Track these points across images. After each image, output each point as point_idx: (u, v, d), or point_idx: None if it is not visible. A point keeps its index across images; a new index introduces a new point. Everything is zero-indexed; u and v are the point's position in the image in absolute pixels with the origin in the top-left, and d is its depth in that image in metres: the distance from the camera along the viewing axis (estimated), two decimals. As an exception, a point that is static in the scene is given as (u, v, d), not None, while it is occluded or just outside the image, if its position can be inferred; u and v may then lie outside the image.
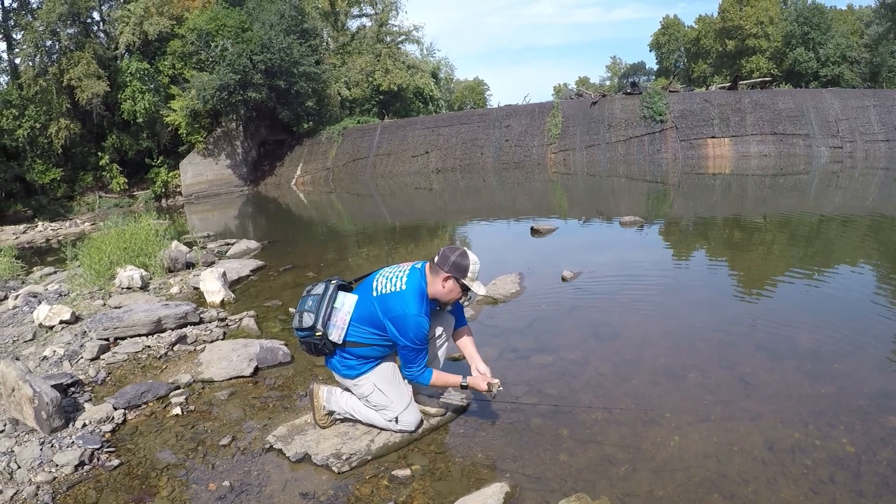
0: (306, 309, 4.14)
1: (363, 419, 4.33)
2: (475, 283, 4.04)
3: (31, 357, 6.43)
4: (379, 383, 4.18)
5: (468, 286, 4.02)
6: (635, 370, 5.21)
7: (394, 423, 4.23)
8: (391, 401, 4.19)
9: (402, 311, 3.94)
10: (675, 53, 69.90)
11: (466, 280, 4.00)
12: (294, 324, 4.23)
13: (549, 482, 3.67)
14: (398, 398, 4.21)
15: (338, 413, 4.40)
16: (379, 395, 4.18)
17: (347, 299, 4.17)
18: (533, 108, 32.92)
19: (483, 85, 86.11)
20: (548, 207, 18.62)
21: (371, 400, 4.21)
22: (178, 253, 10.73)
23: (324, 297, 4.15)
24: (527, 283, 8.13)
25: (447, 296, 4.05)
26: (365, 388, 4.20)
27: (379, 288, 4.08)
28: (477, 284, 4.06)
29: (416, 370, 4.04)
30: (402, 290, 4.01)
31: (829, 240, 10.70)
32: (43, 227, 25.88)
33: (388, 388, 4.19)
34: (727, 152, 28.13)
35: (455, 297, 4.10)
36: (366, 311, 4.07)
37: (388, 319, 3.97)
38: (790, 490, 3.43)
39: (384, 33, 47.91)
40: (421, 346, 3.97)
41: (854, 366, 4.97)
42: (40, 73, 31.79)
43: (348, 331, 4.09)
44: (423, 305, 3.99)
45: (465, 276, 3.99)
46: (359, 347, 4.13)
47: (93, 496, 3.86)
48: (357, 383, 4.21)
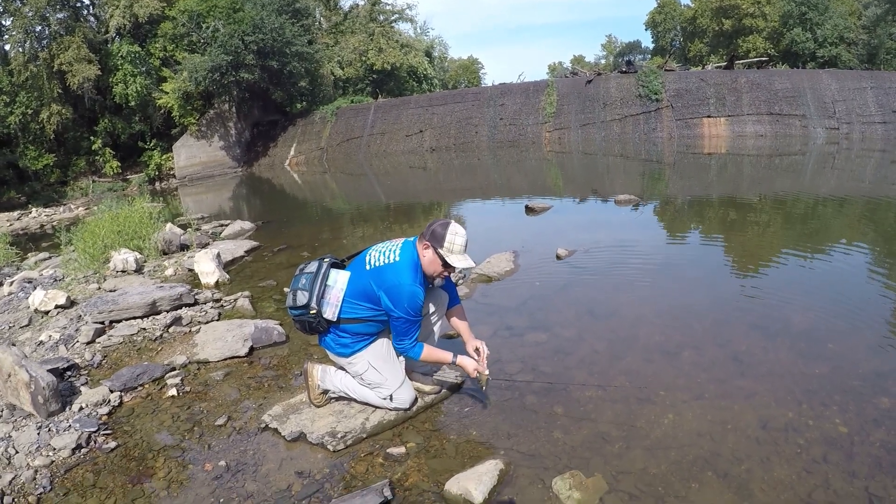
0: (300, 287, 4.14)
1: (358, 397, 4.34)
2: (452, 255, 3.96)
3: (26, 342, 6.44)
4: (373, 361, 4.18)
5: (444, 257, 3.95)
6: (630, 348, 5.23)
7: (388, 401, 4.24)
8: (385, 378, 4.20)
9: (397, 281, 3.93)
10: (671, 32, 69.45)
11: (442, 250, 3.93)
12: (288, 303, 4.22)
13: (544, 459, 3.69)
14: (392, 376, 4.22)
15: (332, 392, 4.41)
16: (373, 372, 4.19)
17: (340, 276, 4.16)
18: (528, 87, 32.79)
19: (477, 63, 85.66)
20: (542, 186, 18.61)
21: (365, 378, 4.22)
22: (173, 235, 10.71)
23: (317, 275, 4.15)
24: (521, 261, 8.14)
25: (429, 267, 4.03)
26: (359, 367, 4.20)
27: (372, 262, 4.08)
28: (455, 257, 3.97)
29: (407, 343, 4.03)
30: (395, 261, 4.01)
31: (825, 221, 10.71)
32: (37, 213, 25.81)
33: (383, 365, 4.20)
34: (723, 132, 28.07)
35: (437, 271, 4.04)
36: (360, 286, 4.06)
37: (383, 290, 3.95)
38: (783, 469, 3.45)
39: (377, 12, 47.57)
40: (415, 317, 3.97)
41: (848, 346, 4.99)
42: (31, 58, 31.59)
43: (342, 307, 4.09)
44: (418, 276, 3.99)
45: (440, 245, 3.93)
46: (353, 324, 4.13)
47: (90, 479, 3.88)
48: (351, 361, 4.22)
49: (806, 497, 3.24)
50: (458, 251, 3.97)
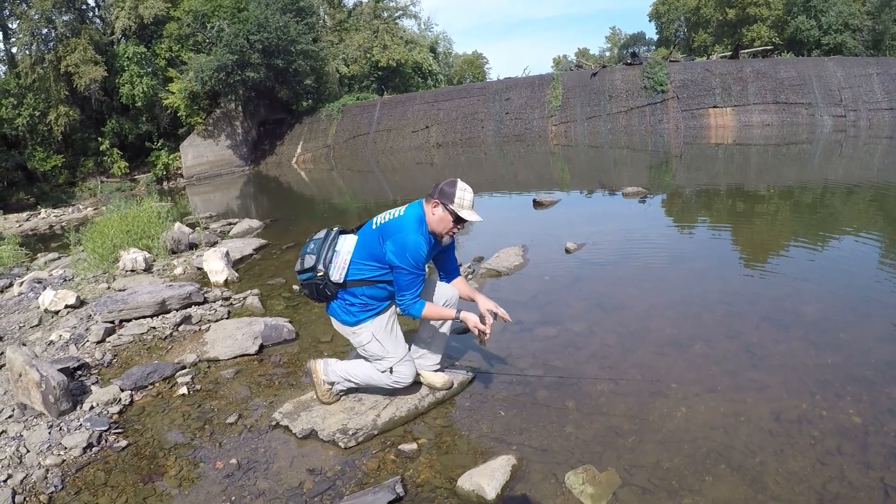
0: (308, 251, 4.18)
1: (361, 380, 4.34)
2: (464, 210, 3.99)
3: (37, 342, 6.46)
4: (377, 333, 4.18)
5: (456, 212, 3.98)
6: (641, 341, 5.21)
7: (388, 374, 4.25)
8: (387, 351, 4.21)
9: (401, 231, 3.95)
10: (675, 23, 69.20)
11: (453, 206, 3.96)
12: (296, 267, 4.24)
13: (556, 454, 3.68)
14: (394, 349, 4.23)
15: (337, 382, 4.40)
16: (376, 344, 4.20)
17: (348, 240, 4.19)
18: (533, 81, 32.71)
19: (482, 58, 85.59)
20: (550, 180, 18.56)
21: (368, 349, 4.23)
22: (181, 234, 10.72)
23: (325, 240, 4.19)
24: (530, 255, 8.12)
25: (439, 225, 4.03)
26: (363, 337, 4.20)
27: (378, 221, 4.13)
28: (467, 212, 4.01)
29: (408, 298, 4.01)
30: (400, 216, 4.06)
31: (834, 209, 10.65)
32: (46, 213, 25.85)
33: (386, 338, 4.21)
34: (729, 122, 27.95)
35: (447, 228, 4.05)
36: (366, 246, 4.08)
37: (388, 242, 3.96)
38: (797, 461, 3.43)
39: (381, 9, 47.53)
40: (417, 271, 3.95)
41: (860, 336, 4.96)
42: (37, 61, 31.72)
43: (349, 269, 4.09)
44: (422, 228, 4.00)
45: (451, 201, 3.97)
46: (360, 286, 4.12)
47: (102, 478, 3.88)
48: (356, 331, 4.22)
49: (820, 489, 3.21)
50: (468, 206, 4.02)
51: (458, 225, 4.07)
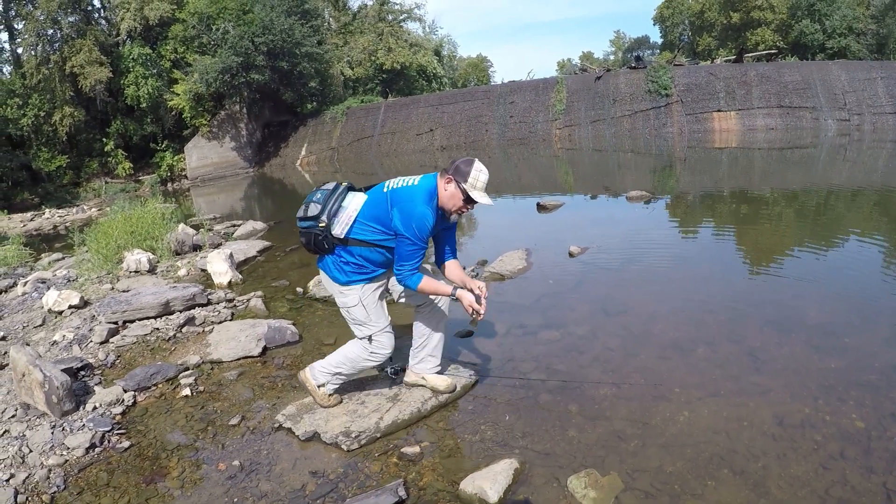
0: (314, 200, 4.16)
1: (343, 364, 4.35)
2: (475, 190, 3.97)
3: (40, 342, 6.47)
4: (364, 298, 4.18)
5: (467, 191, 3.94)
6: (644, 345, 5.20)
7: (367, 343, 4.26)
8: (370, 318, 4.20)
9: (411, 201, 3.93)
10: (679, 27, 69.15)
11: (466, 185, 3.93)
12: (298, 214, 4.23)
13: (559, 458, 3.68)
14: (377, 318, 4.23)
15: (326, 382, 4.41)
16: (361, 309, 4.19)
17: (357, 198, 4.18)
18: (537, 84, 32.67)
19: (486, 62, 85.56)
20: (554, 183, 18.56)
21: (352, 313, 4.22)
22: (185, 235, 10.74)
23: (333, 192, 4.18)
24: (534, 258, 8.12)
25: (449, 201, 4.01)
26: (350, 299, 4.19)
27: (390, 185, 4.10)
28: (478, 193, 3.97)
29: (407, 269, 3.98)
30: (413, 185, 4.03)
31: (838, 213, 10.63)
32: (50, 214, 25.91)
33: (372, 306, 4.21)
34: (733, 126, 27.91)
35: (457, 205, 4.01)
36: (374, 208, 4.06)
37: (396, 208, 3.94)
38: (800, 466, 3.43)
39: (386, 12, 47.55)
40: (419, 242, 3.93)
41: (864, 340, 4.95)
42: (43, 61, 31.79)
43: (353, 227, 4.08)
44: (432, 202, 3.98)
45: (464, 179, 3.94)
46: (360, 247, 4.10)
47: (104, 478, 3.89)
48: (344, 291, 4.20)
49: (823, 493, 3.21)
50: (481, 188, 3.99)
51: (468, 205, 4.03)
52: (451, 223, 4.29)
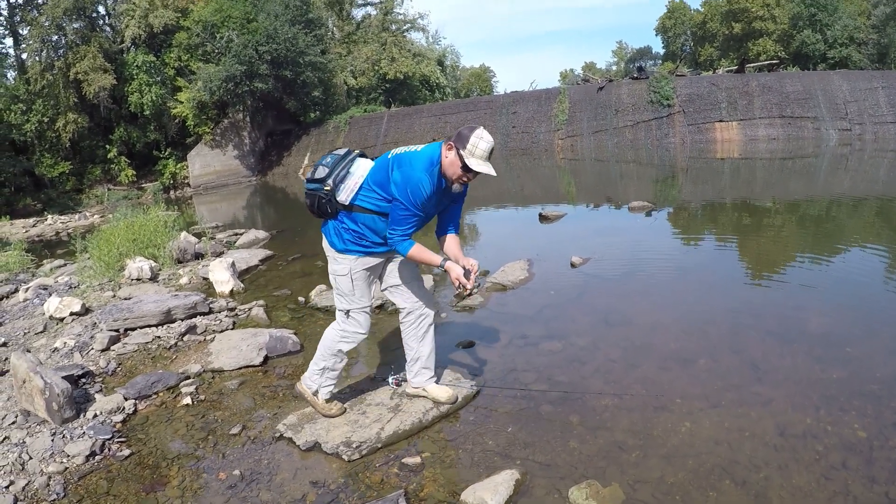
0: (323, 163, 4.19)
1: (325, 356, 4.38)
2: (473, 158, 3.86)
3: (41, 349, 6.47)
4: (354, 272, 4.19)
5: (464, 158, 3.85)
6: (645, 356, 5.19)
7: (344, 317, 4.28)
8: (354, 292, 4.21)
9: (410, 165, 3.91)
10: (681, 37, 69.30)
11: (464, 151, 3.85)
12: (307, 175, 4.26)
13: (560, 469, 3.67)
14: (361, 295, 4.25)
15: (318, 387, 4.43)
16: (347, 281, 4.20)
17: (364, 165, 4.18)
18: (540, 95, 32.76)
19: (489, 72, 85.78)
20: (556, 193, 18.57)
21: (338, 282, 4.24)
22: (187, 244, 10.75)
23: (343, 158, 4.19)
24: (536, 269, 8.12)
25: (449, 168, 3.94)
26: (341, 267, 4.21)
27: (396, 151, 4.10)
28: (475, 161, 3.86)
29: (398, 234, 3.95)
30: (417, 151, 4.03)
31: (840, 223, 10.63)
32: (52, 220, 25.94)
33: (359, 283, 4.22)
34: (735, 136, 27.95)
35: (456, 173, 3.94)
36: (378, 172, 4.04)
37: (396, 171, 3.93)
38: (802, 476, 3.41)
39: (389, 21, 47.74)
40: (413, 208, 3.89)
41: (866, 350, 4.93)
42: (47, 67, 31.93)
43: (358, 194, 4.08)
44: (432, 170, 3.93)
45: (463, 146, 3.86)
46: (362, 214, 4.09)
47: (104, 486, 3.88)
48: (338, 258, 4.22)
49: None
50: (480, 155, 3.88)
51: (468, 174, 3.95)
52: (457, 195, 4.25)
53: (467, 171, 3.90)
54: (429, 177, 3.89)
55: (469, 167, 3.86)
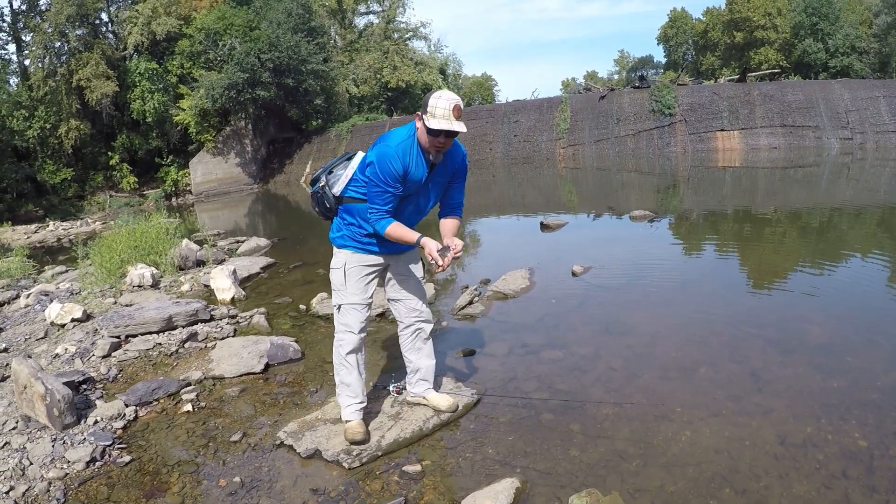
0: (325, 166, 4.26)
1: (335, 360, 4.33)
2: (434, 119, 3.74)
3: (42, 355, 6.47)
4: (348, 266, 4.17)
5: (426, 122, 3.77)
6: (646, 365, 5.19)
7: (336, 311, 4.27)
8: (346, 287, 4.18)
9: (383, 141, 3.90)
10: (683, 46, 69.56)
11: (426, 115, 3.77)
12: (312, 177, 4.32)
13: (560, 477, 3.67)
14: (354, 290, 4.19)
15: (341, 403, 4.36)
16: (340, 275, 4.18)
17: (358, 158, 4.18)
18: (541, 103, 32.84)
19: (491, 80, 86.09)
20: (557, 202, 18.59)
21: (333, 276, 4.24)
22: (189, 251, 10.76)
23: (342, 157, 4.26)
24: (537, 278, 8.12)
25: (422, 138, 3.87)
26: (336, 260, 4.22)
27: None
28: (436, 121, 3.74)
29: (374, 213, 3.92)
30: (396, 129, 4.01)
31: (841, 233, 10.63)
32: (54, 226, 25.98)
33: (352, 278, 4.17)
34: (737, 145, 28.00)
35: (429, 141, 3.84)
36: (365, 159, 4.04)
37: (371, 150, 3.94)
38: (802, 485, 3.41)
39: (392, 30, 47.89)
40: (382, 185, 3.84)
41: (866, 359, 4.93)
42: (49, 74, 32.03)
43: (348, 185, 4.09)
44: (405, 143, 3.89)
45: (425, 111, 3.78)
46: (354, 204, 4.10)
47: (104, 492, 3.88)
48: (336, 252, 4.25)
49: (826, 515, 3.20)
50: (441, 115, 3.75)
51: (439, 138, 3.82)
52: (455, 175, 4.20)
53: (434, 134, 3.79)
54: (401, 151, 3.85)
55: (437, 129, 3.75)
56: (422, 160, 3.94)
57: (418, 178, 3.97)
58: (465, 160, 4.22)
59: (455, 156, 4.12)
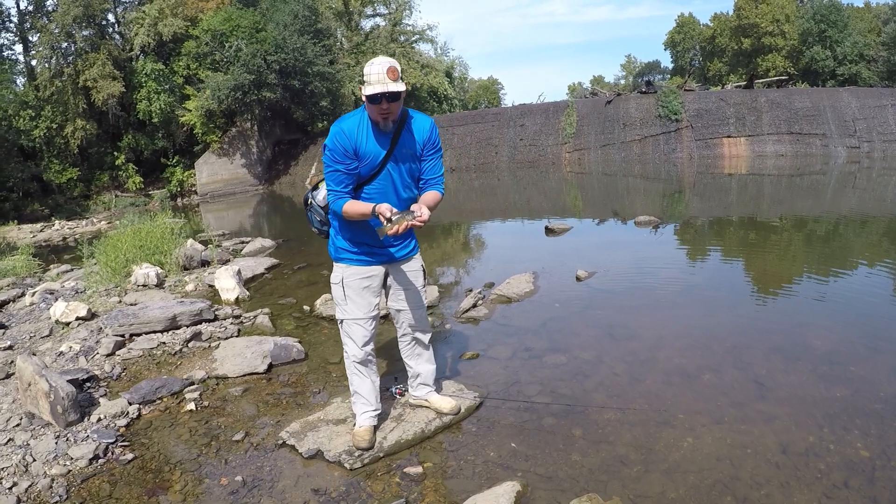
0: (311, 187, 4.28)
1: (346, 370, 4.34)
2: (370, 85, 3.66)
3: (47, 353, 6.49)
4: (346, 280, 4.11)
5: (363, 92, 3.69)
6: (649, 370, 5.19)
7: (341, 324, 4.23)
8: (346, 303, 4.13)
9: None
10: (690, 52, 69.47)
11: (363, 86, 3.70)
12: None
13: (561, 482, 3.67)
14: (355, 306, 4.13)
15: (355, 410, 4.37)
16: (339, 290, 4.13)
17: None
18: (547, 107, 32.81)
19: (497, 84, 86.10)
20: (562, 207, 18.59)
21: (333, 291, 4.20)
22: (194, 251, 10.79)
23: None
24: (541, 282, 8.12)
25: (367, 109, 3.83)
26: (334, 276, 4.18)
27: None
28: (370, 87, 3.66)
29: (331, 194, 3.90)
30: None
31: (846, 241, 10.62)
32: (60, 225, 26.01)
33: (352, 293, 4.11)
34: (743, 152, 27.98)
35: (372, 109, 3.77)
36: None
37: None
38: (803, 494, 3.41)
39: (398, 33, 47.86)
40: (333, 164, 3.84)
41: (870, 369, 4.93)
42: (56, 74, 32.07)
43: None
44: (353, 121, 3.87)
45: (362, 82, 3.72)
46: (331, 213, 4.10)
47: (107, 489, 3.89)
48: (334, 267, 4.20)
49: (827, 524, 3.20)
50: (376, 80, 3.66)
51: (380, 105, 3.72)
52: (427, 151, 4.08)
53: (374, 101, 3.70)
54: (348, 126, 3.85)
55: (374, 96, 3.68)
56: (373, 133, 3.88)
57: (374, 152, 3.89)
58: (434, 131, 4.12)
59: (420, 127, 4.05)
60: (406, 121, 3.98)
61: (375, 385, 4.33)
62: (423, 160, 4.11)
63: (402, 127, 3.96)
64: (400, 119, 3.93)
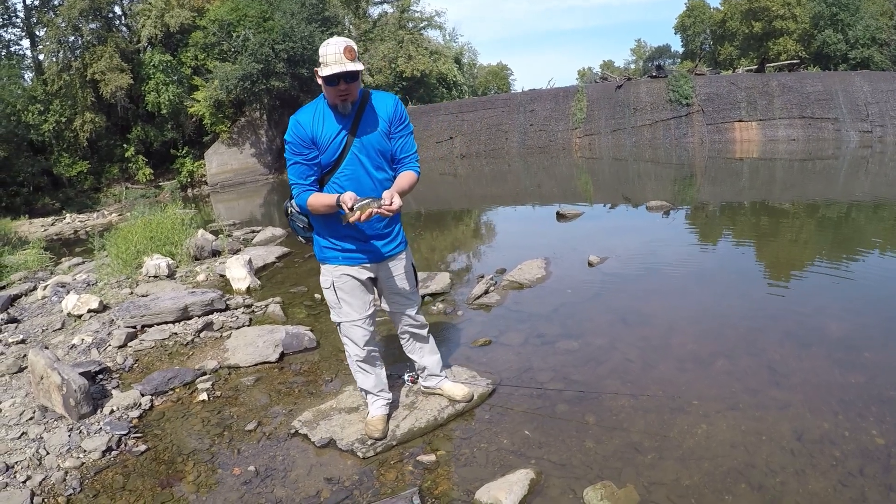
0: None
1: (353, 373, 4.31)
2: (326, 67, 3.54)
3: (59, 345, 6.51)
4: (336, 283, 4.00)
5: (319, 74, 3.59)
6: (662, 356, 5.16)
7: (338, 327, 4.17)
8: (340, 305, 4.04)
9: None
10: (700, 36, 68.85)
11: (319, 69, 3.57)
12: None
13: (575, 469, 3.65)
14: (350, 308, 4.04)
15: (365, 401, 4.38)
16: (331, 294, 4.03)
17: None
18: (557, 93, 32.67)
19: (507, 70, 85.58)
20: (573, 192, 18.53)
21: (325, 294, 4.10)
22: (204, 241, 10.80)
23: None
24: (553, 268, 8.09)
25: (326, 95, 3.72)
26: (324, 280, 4.07)
27: None
28: (325, 69, 3.54)
29: (294, 189, 3.85)
30: None
31: (860, 226, 10.53)
32: (71, 218, 26.13)
33: (344, 295, 4.00)
34: (755, 136, 27.80)
35: (329, 92, 3.66)
36: None
37: None
38: (818, 482, 3.38)
39: (406, 19, 47.65)
40: (293, 156, 3.79)
41: (885, 355, 4.87)
42: (64, 68, 32.14)
43: None
44: (309, 109, 3.80)
45: (318, 65, 3.60)
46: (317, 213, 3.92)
47: (120, 481, 3.90)
48: (322, 271, 4.08)
49: (843, 510, 3.17)
50: (333, 60, 3.53)
51: (336, 87, 3.60)
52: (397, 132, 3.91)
53: (331, 83, 3.59)
54: (303, 114, 3.78)
55: (329, 77, 3.56)
56: (331, 117, 3.76)
57: (334, 136, 3.76)
58: (398, 106, 3.93)
59: (382, 104, 3.88)
60: (367, 100, 3.83)
61: (382, 377, 4.31)
62: (392, 138, 3.91)
63: (364, 107, 3.82)
64: (360, 100, 3.80)
